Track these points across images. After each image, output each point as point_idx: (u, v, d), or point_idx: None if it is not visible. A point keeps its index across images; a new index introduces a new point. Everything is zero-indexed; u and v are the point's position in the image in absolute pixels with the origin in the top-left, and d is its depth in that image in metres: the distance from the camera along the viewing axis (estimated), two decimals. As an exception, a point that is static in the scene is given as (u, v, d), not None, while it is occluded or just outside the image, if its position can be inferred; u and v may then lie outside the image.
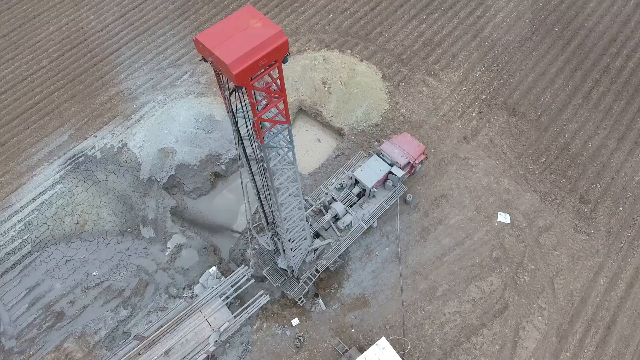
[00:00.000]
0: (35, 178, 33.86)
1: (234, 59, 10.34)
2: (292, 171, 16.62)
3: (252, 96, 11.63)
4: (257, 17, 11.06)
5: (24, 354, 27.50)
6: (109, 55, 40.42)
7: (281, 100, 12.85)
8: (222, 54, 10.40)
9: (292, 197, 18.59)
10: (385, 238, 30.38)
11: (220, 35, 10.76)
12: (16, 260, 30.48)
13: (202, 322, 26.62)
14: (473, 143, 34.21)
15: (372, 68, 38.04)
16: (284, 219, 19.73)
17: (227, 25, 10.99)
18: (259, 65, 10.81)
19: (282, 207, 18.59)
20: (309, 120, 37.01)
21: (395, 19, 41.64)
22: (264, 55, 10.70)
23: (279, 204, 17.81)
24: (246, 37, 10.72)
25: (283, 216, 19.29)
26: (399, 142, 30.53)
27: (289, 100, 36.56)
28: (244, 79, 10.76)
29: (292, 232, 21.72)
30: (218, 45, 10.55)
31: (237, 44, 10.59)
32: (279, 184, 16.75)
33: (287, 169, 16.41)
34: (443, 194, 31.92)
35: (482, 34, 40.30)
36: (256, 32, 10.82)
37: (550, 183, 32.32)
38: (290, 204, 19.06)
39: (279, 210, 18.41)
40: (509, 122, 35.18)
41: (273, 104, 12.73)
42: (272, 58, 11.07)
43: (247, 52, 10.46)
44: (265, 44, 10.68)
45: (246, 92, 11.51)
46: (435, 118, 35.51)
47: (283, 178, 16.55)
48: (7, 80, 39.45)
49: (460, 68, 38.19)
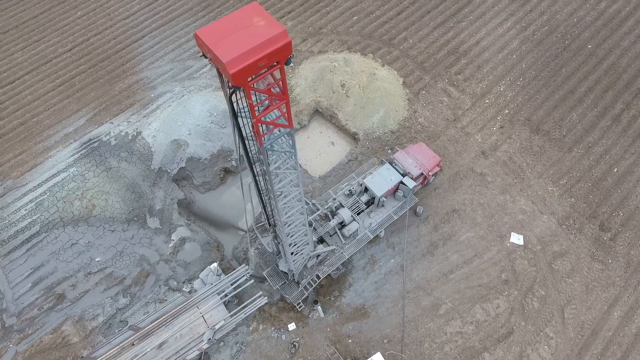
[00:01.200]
0: (50, 159, 34.32)
1: (232, 58, 9.85)
2: (294, 176, 16.07)
3: (250, 97, 11.13)
4: (261, 15, 10.55)
5: (22, 333, 27.82)
6: (132, 43, 40.73)
7: (283, 103, 12.32)
8: (220, 52, 9.93)
9: (294, 201, 18.06)
10: (392, 249, 29.56)
11: (221, 31, 10.29)
12: (24, 239, 30.93)
13: (198, 318, 26.37)
14: (491, 158, 33.01)
15: (393, 74, 37.18)
16: (285, 223, 19.22)
17: (230, 22, 10.51)
18: (258, 65, 10.29)
19: (283, 212, 18.07)
20: (324, 122, 36.43)
21: (422, 25, 40.66)
22: (265, 55, 10.18)
23: (279, 208, 17.29)
24: (247, 35, 10.22)
25: (284, 220, 18.78)
26: (414, 152, 29.65)
27: (306, 100, 36.10)
28: (241, 79, 10.27)
29: (293, 236, 21.19)
30: (217, 42, 10.08)
31: (237, 42, 10.11)
32: (280, 188, 16.23)
33: (289, 173, 15.88)
34: (455, 209, 30.88)
35: (510, 46, 38.94)
36: (259, 30, 10.31)
37: (569, 207, 30.90)
38: (292, 209, 18.52)
39: (279, 214, 17.90)
40: (531, 139, 33.83)
41: (274, 106, 12.21)
42: (273, 59, 10.54)
43: (246, 51, 9.96)
44: (266, 43, 10.16)
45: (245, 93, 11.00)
46: (454, 130, 34.44)
47: (284, 182, 16.02)
48: (33, 61, 40.18)
49: (485, 80, 36.97)
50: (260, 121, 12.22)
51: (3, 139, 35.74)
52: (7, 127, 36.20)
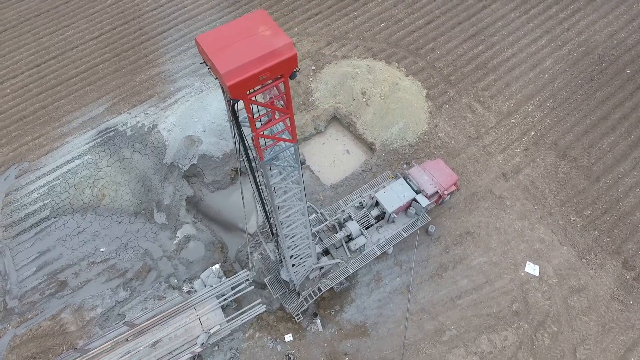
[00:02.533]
0: (67, 145, 34.57)
1: (230, 69, 9.15)
2: (297, 190, 15.31)
3: (250, 110, 10.42)
4: (267, 24, 9.82)
5: (22, 316, 27.98)
6: (157, 35, 40.78)
7: (287, 117, 11.56)
8: (218, 62, 9.25)
9: (297, 214, 17.30)
10: (398, 267, 28.50)
11: (223, 39, 9.61)
12: (34, 222, 31.18)
13: (194, 320, 25.93)
14: (512, 181, 31.53)
15: (416, 85, 36.02)
16: (287, 235, 18.49)
17: (233, 29, 9.82)
18: (259, 78, 9.56)
19: (285, 225, 17.34)
20: (341, 129, 35.58)
21: (451, 36, 39.32)
22: (266, 68, 9.45)
23: (280, 221, 16.56)
24: (250, 45, 9.50)
25: (285, 233, 18.05)
26: (430, 169, 28.48)
27: (324, 106, 35.33)
28: (239, 92, 9.56)
29: (294, 249, 20.45)
30: (217, 51, 9.40)
31: (238, 52, 9.40)
32: (282, 202, 15.50)
33: (292, 187, 15.12)
34: (469, 231, 29.57)
35: (542, 65, 37.23)
36: (263, 41, 9.58)
37: (591, 240, 29.18)
38: (295, 222, 17.78)
39: (280, 227, 17.17)
40: (556, 165, 32.17)
41: (277, 120, 11.47)
42: (276, 72, 9.80)
43: (246, 63, 9.25)
44: (269, 56, 9.42)
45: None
46: (475, 148, 33.07)
47: (287, 196, 15.28)
48: (60, 46, 40.68)
49: (512, 98, 35.41)
50: (260, 135, 11.51)
51: (24, 121, 36.22)
52: (28, 110, 36.67)
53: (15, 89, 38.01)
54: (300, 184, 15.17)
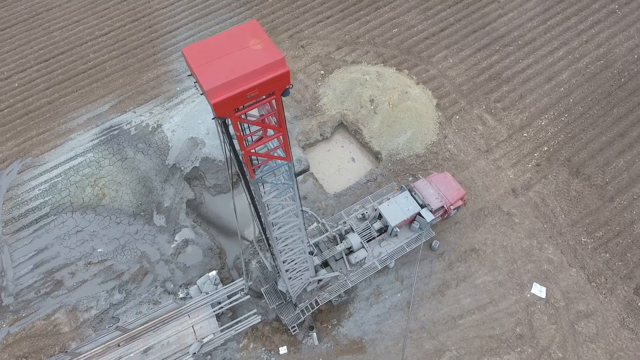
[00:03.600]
0: (70, 142, 34.35)
1: (215, 86, 8.47)
2: (292, 207, 14.61)
3: (238, 128, 9.74)
4: (259, 37, 9.13)
5: (17, 314, 27.73)
6: (166, 34, 40.42)
7: (279, 135, 10.86)
8: (203, 77, 8.58)
9: (292, 230, 16.59)
10: (400, 282, 27.66)
11: (210, 52, 8.94)
12: (34, 219, 30.97)
13: (187, 328, 25.43)
14: (522, 198, 30.46)
15: (427, 94, 35.10)
16: (282, 251, 17.80)
17: (223, 41, 9.14)
18: (247, 96, 8.88)
19: (280, 240, 16.65)
20: (347, 136, 34.81)
21: (465, 45, 38.29)
22: (255, 86, 8.76)
23: (274, 237, 15.88)
24: (239, 59, 8.82)
25: (280, 248, 17.36)
26: (437, 182, 27.57)
27: (331, 112, 34.59)
28: (225, 110, 8.89)
29: (290, 263, 19.75)
30: (203, 65, 8.74)
31: (225, 66, 8.72)
32: (275, 219, 14.81)
33: (287, 204, 14.42)
34: (475, 248, 28.60)
35: (559, 78, 36.02)
36: (253, 55, 8.89)
37: (602, 263, 28.01)
38: (290, 238, 17.08)
39: (274, 243, 16.49)
40: (568, 182, 31.01)
41: (268, 138, 10.78)
42: (266, 90, 9.10)
43: (233, 80, 8.56)
44: (259, 72, 8.73)
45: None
46: (485, 161, 32.05)
47: (281, 212, 14.58)
48: (69, 41, 40.54)
49: (526, 111, 34.30)
50: (250, 153, 10.83)
51: (30, 116, 36.10)
52: (34, 105, 36.55)
53: (23, 83, 37.93)
54: (296, 201, 14.46)
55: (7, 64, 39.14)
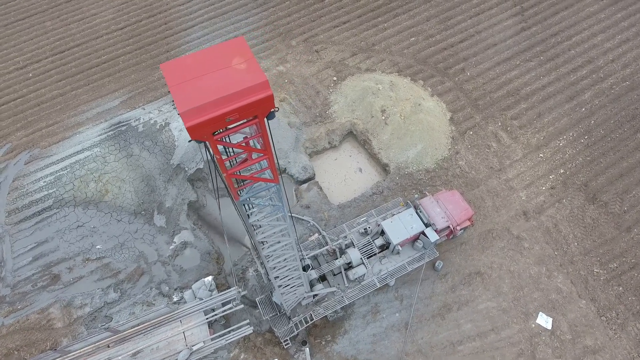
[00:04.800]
0: (78, 135, 34.34)
1: (190, 108, 7.82)
2: (282, 227, 13.91)
3: (217, 152, 9.08)
4: (244, 56, 8.45)
5: (12, 306, 27.72)
6: (181, 31, 40.19)
7: (265, 158, 10.17)
8: (178, 97, 7.94)
9: (283, 249, 15.91)
10: (399, 302, 26.74)
11: (190, 69, 8.30)
12: (36, 211, 30.99)
13: (178, 334, 24.95)
14: (533, 222, 29.19)
15: (441, 107, 34.02)
16: (273, 267, 17.14)
17: (205, 58, 8.50)
18: (225, 120, 8.20)
19: (270, 259, 15.99)
20: (356, 146, 33.98)
21: (484, 57, 37.05)
22: (234, 110, 8.07)
23: (264, 255, 15.22)
24: (219, 80, 8.16)
25: (271, 266, 16.70)
26: (444, 200, 26.58)
27: (341, 120, 33.81)
28: (200, 134, 8.24)
29: (283, 279, 19.08)
30: (180, 84, 8.10)
31: (204, 87, 8.07)
32: (264, 238, 14.13)
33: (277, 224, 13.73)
34: (480, 271, 27.49)
35: (581, 97, 34.52)
36: (234, 76, 8.21)
37: (615, 297, 26.60)
38: (281, 256, 16.39)
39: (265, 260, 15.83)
40: (584, 208, 29.61)
41: (253, 161, 10.09)
42: (247, 114, 8.42)
43: (210, 102, 7.90)
44: (239, 95, 8.05)
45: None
46: (497, 181, 30.85)
47: (269, 233, 13.90)
48: (85, 34, 40.65)
49: (543, 131, 32.94)
50: (233, 176, 10.16)
51: (41, 107, 36.25)
52: (47, 96, 36.69)
53: (37, 73, 38.15)
54: (287, 221, 13.75)
55: (23, 53, 39.44)
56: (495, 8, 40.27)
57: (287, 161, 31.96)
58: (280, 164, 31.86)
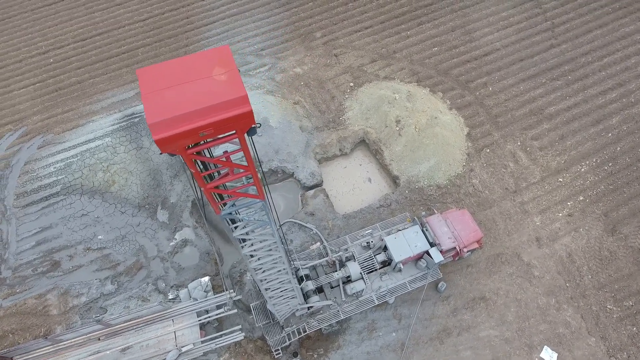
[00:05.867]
0: (92, 124, 34.50)
1: (160, 120, 7.24)
2: (270, 242, 13.27)
3: (193, 166, 8.49)
4: (226, 67, 7.82)
5: (12, 289, 27.93)
6: (202, 26, 40.05)
7: (247, 174, 9.54)
8: (149, 107, 7.37)
9: (273, 262, 15.27)
10: (397, 321, 25.82)
11: (166, 77, 7.73)
12: (44, 196, 31.20)
13: (169, 333, 24.65)
14: (546, 249, 27.82)
15: (458, 121, 32.85)
16: (262, 279, 16.52)
17: (185, 66, 7.91)
18: (199, 134, 7.60)
19: (258, 272, 15.37)
20: (367, 155, 33.13)
21: (509, 73, 35.66)
22: (208, 124, 7.46)
23: (251, 268, 14.62)
24: (196, 91, 7.55)
25: (260, 278, 16.09)
26: (453, 220, 25.52)
27: (354, 127, 33.01)
28: (171, 147, 7.65)
29: (274, 290, 18.46)
30: (153, 92, 7.53)
31: (178, 97, 7.48)
32: (251, 252, 13.52)
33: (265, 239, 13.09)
34: (484, 297, 26.32)
35: (608, 122, 32.84)
36: (213, 87, 7.60)
37: (627, 336, 25.05)
38: (270, 270, 15.76)
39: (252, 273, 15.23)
40: (602, 239, 28.06)
41: (234, 176, 9.48)
42: (223, 129, 7.79)
43: (182, 115, 7.30)
44: (214, 109, 7.43)
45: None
46: (511, 203, 29.55)
47: (257, 247, 13.27)
48: (108, 23, 40.94)
49: (565, 154, 31.42)
50: (213, 190, 9.56)
51: (58, 93, 36.61)
52: (65, 82, 37.05)
53: (58, 59, 38.58)
54: (276, 236, 13.10)
55: (47, 39, 39.96)
56: (525, 22, 38.78)
57: (296, 165, 31.36)
58: (289, 167, 31.29)
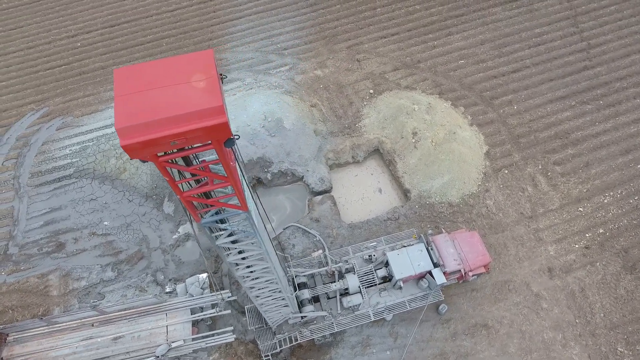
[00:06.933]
0: (110, 110, 34.89)
1: (129, 125, 6.83)
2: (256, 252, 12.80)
3: (166, 173, 8.07)
4: (206, 73, 7.36)
5: (17, 266, 28.43)
6: (227, 21, 40.03)
7: (227, 185, 9.07)
8: (120, 110, 6.97)
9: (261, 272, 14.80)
10: (393, 339, 25.01)
11: (143, 79, 7.32)
12: (57, 177, 31.72)
13: (161, 327, 24.57)
14: (557, 281, 26.48)
15: (478, 138, 31.70)
16: (251, 287, 16.09)
17: (164, 69, 7.49)
18: (170, 143, 7.16)
19: (246, 280, 14.94)
20: (380, 164, 32.35)
21: (537, 92, 34.22)
22: (178, 133, 7.00)
23: (238, 276, 14.19)
24: (171, 96, 7.12)
25: (248, 286, 15.65)
26: (461, 241, 24.55)
27: (369, 136, 32.29)
28: (141, 154, 7.24)
29: (264, 298, 18.01)
30: (127, 95, 7.13)
31: (151, 102, 7.06)
32: (237, 260, 13.08)
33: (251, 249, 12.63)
34: (487, 324, 25.22)
35: (638, 152, 31.07)
36: (189, 94, 7.15)
37: (637, 384, 23.57)
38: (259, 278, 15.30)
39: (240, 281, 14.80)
40: (619, 277, 26.51)
41: (215, 186, 9.03)
42: (196, 139, 7.33)
43: (152, 122, 6.88)
44: (187, 117, 6.97)
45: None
46: (525, 229, 28.28)
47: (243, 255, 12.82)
48: (136, 12, 41.41)
49: (588, 182, 29.89)
50: (192, 199, 9.14)
51: (82, 77, 37.21)
52: (89, 67, 37.64)
53: (85, 44, 39.23)
54: (263, 247, 12.62)
55: (76, 23, 40.71)
56: (559, 41, 37.18)
57: (306, 169, 30.87)
58: (299, 171, 30.83)
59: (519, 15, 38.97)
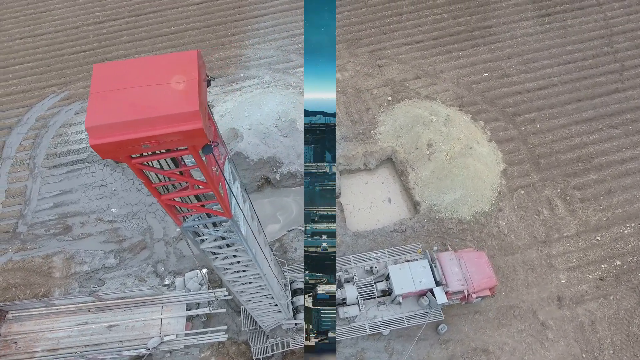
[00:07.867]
0: (129, 98, 35.16)
1: (100, 124, 6.50)
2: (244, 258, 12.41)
3: (141, 175, 7.73)
4: (188, 75, 6.98)
5: (24, 244, 28.91)
6: (251, 18, 39.91)
7: (208, 191, 8.68)
8: (92, 108, 6.65)
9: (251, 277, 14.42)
10: (388, 355, 24.33)
11: (122, 77, 6.99)
12: (71, 160, 32.18)
13: (156, 320, 24.55)
14: (566, 311, 25.28)
15: (495, 155, 30.62)
16: (241, 292, 15.73)
17: (144, 67, 7.15)
18: (142, 146, 6.79)
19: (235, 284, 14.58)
20: (392, 174, 31.62)
21: (562, 112, 32.87)
22: (150, 137, 6.63)
23: (226, 281, 13.84)
24: (147, 97, 6.76)
25: (237, 290, 15.30)
26: (467, 260, 23.67)
27: (383, 144, 31.62)
28: (111, 155, 6.90)
29: (255, 303, 17.65)
30: (103, 92, 6.81)
31: (126, 102, 6.72)
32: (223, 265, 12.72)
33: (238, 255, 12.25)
34: (487, 350, 24.26)
35: (666, 184, 29.48)
36: (165, 96, 6.77)
37: None
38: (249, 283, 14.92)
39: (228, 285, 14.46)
40: (633, 313, 25.12)
41: (195, 191, 8.65)
42: (170, 144, 6.95)
43: (124, 122, 6.53)
44: (160, 121, 6.60)
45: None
46: (537, 254, 27.12)
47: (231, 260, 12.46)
48: (163, 2, 41.71)
49: (609, 211, 28.47)
50: (171, 202, 8.79)
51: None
52: (112, 54, 38.08)
53: (111, 31, 39.73)
54: (250, 254, 12.22)
55: (104, 9, 41.29)
56: (591, 60, 35.65)
57: (316, 173, 30.39)
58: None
59: (551, 30, 37.55)
